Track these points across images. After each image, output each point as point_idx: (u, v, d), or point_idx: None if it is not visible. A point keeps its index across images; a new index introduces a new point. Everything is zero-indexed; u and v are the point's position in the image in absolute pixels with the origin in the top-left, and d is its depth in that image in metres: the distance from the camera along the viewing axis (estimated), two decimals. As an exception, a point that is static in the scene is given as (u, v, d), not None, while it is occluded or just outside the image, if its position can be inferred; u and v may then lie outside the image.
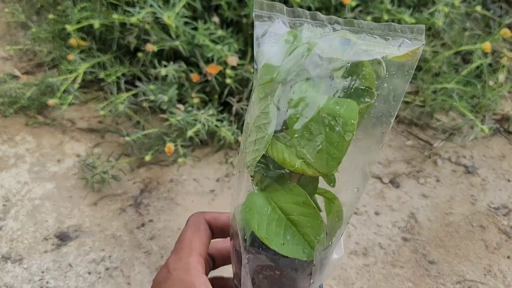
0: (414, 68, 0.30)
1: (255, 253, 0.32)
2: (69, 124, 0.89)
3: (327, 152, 0.30)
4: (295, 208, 0.32)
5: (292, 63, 0.30)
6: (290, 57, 0.30)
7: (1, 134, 0.87)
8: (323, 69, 0.31)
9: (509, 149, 0.88)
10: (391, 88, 0.31)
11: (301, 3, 0.77)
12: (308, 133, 0.30)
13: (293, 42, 0.31)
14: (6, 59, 1.05)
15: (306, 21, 0.32)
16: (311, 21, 0.32)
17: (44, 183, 0.78)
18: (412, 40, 0.30)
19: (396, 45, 0.30)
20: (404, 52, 0.30)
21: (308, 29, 0.31)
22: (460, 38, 0.93)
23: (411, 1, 0.87)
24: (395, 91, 0.31)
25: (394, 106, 0.31)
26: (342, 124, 0.29)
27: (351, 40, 0.30)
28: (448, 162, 0.85)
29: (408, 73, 0.30)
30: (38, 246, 0.68)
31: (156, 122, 0.87)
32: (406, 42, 0.30)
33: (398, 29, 0.31)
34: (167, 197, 0.76)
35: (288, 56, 0.30)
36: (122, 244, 0.68)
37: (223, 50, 0.75)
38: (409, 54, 0.30)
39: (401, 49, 0.30)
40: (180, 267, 0.32)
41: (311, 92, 0.30)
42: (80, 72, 0.86)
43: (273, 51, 0.31)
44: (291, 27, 0.33)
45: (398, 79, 0.31)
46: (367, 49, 0.30)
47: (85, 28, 0.87)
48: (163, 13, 0.73)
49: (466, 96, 0.85)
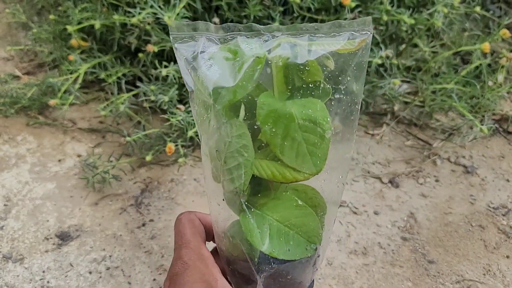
0: (367, 56, 0.31)
1: (267, 269, 0.33)
2: (70, 124, 0.90)
3: (312, 154, 0.31)
4: (290, 213, 0.33)
5: (247, 79, 0.30)
6: (242, 74, 0.30)
7: (2, 134, 0.87)
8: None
9: (509, 149, 0.89)
10: (349, 79, 0.32)
11: (301, 4, 0.78)
12: (289, 142, 0.30)
13: (235, 58, 0.30)
14: (7, 59, 1.05)
15: (239, 34, 0.32)
16: (245, 33, 0.32)
17: (45, 183, 0.78)
18: (360, 31, 0.31)
19: (343, 40, 0.31)
20: (352, 44, 0.31)
21: (244, 41, 0.31)
22: (459, 38, 0.93)
23: (411, 2, 0.87)
24: (356, 81, 0.32)
25: (357, 95, 0.32)
26: (319, 125, 0.30)
27: (297, 43, 0.30)
28: (447, 162, 0.85)
29: (363, 61, 0.31)
30: (39, 246, 0.68)
31: (156, 122, 0.88)
32: (354, 34, 0.31)
33: (345, 24, 0.31)
34: (167, 197, 0.77)
35: (239, 73, 0.30)
36: (123, 244, 0.69)
37: (224, 51, 0.75)
38: (358, 44, 0.31)
39: (349, 41, 0.31)
40: (196, 258, 0.32)
41: (275, 102, 0.30)
42: (81, 72, 0.87)
43: (218, 72, 0.30)
44: (222, 42, 0.32)
45: (355, 70, 0.32)
46: (314, 49, 0.31)
47: (86, 29, 0.88)
48: (164, 14, 0.74)
49: (466, 97, 0.85)
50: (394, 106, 0.89)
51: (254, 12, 0.77)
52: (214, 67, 0.30)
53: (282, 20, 0.79)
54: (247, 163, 0.30)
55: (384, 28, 0.84)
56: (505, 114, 0.94)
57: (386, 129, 0.91)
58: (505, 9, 1.11)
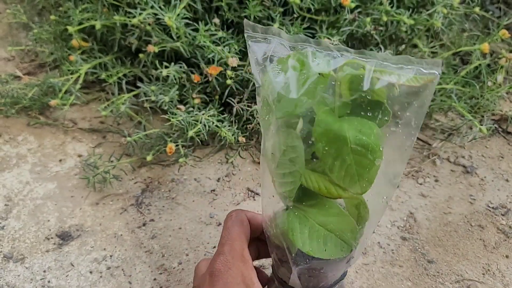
0: (431, 96, 0.31)
1: (302, 264, 0.35)
2: (70, 125, 0.90)
3: (359, 175, 0.32)
4: (331, 219, 0.35)
5: (308, 95, 0.31)
6: (305, 89, 0.31)
7: (3, 134, 0.88)
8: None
9: (508, 149, 0.89)
10: (409, 115, 0.33)
11: (301, 4, 0.78)
12: (339, 162, 0.31)
13: (301, 70, 0.31)
14: (7, 59, 1.05)
15: (310, 45, 0.33)
16: (315, 46, 0.32)
17: (45, 183, 0.78)
18: (428, 69, 0.31)
19: (410, 73, 0.31)
20: (418, 81, 0.31)
21: (313, 55, 0.32)
22: (459, 39, 0.94)
23: (410, 2, 0.88)
24: (416, 117, 0.33)
25: (415, 129, 0.33)
26: (370, 151, 0.31)
27: (365, 66, 0.31)
28: (447, 162, 0.85)
29: (426, 100, 0.31)
30: (40, 246, 0.68)
31: (157, 123, 0.88)
32: (422, 71, 0.31)
33: (414, 61, 0.31)
34: (168, 196, 0.77)
35: (302, 87, 0.30)
36: (124, 244, 0.69)
37: (224, 51, 0.75)
38: (424, 80, 0.31)
39: (416, 77, 0.31)
40: (238, 258, 0.33)
41: (332, 122, 0.31)
42: (81, 72, 0.87)
43: (283, 81, 0.31)
44: (291, 49, 0.33)
45: (417, 107, 0.32)
46: (380, 76, 0.31)
47: (86, 29, 0.88)
48: (164, 15, 0.74)
49: (465, 97, 0.86)
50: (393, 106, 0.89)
51: (254, 13, 0.77)
52: (281, 75, 0.31)
53: (282, 21, 0.79)
54: (296, 174, 0.32)
55: (383, 29, 0.84)
56: (504, 114, 0.94)
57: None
58: (504, 9, 1.11)
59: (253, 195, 0.78)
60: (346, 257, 0.36)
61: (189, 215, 0.74)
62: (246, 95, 0.80)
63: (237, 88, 0.80)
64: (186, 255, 0.68)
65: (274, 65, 0.32)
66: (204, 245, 0.69)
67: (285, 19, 0.80)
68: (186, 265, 0.66)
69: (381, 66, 0.30)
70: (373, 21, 0.82)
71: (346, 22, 0.80)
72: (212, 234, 0.70)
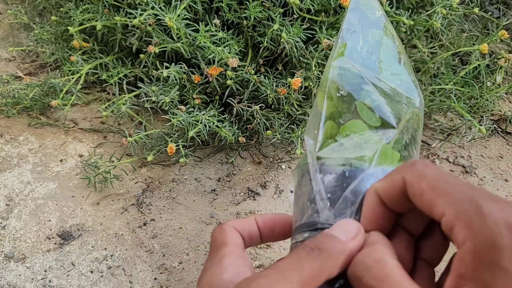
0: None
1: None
2: (71, 125, 0.90)
3: None
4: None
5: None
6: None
7: (4, 134, 0.88)
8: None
9: (507, 149, 0.89)
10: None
11: (301, 5, 0.78)
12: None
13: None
14: (9, 60, 1.05)
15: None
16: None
17: (47, 183, 0.79)
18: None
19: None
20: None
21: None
22: (458, 39, 0.94)
23: (410, 3, 0.88)
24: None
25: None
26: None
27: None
28: (446, 162, 0.86)
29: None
30: (41, 245, 0.69)
31: (157, 123, 0.88)
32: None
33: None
34: (168, 196, 0.77)
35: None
36: (124, 243, 0.69)
37: (224, 52, 0.76)
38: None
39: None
40: (213, 259, 0.29)
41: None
42: (82, 73, 0.87)
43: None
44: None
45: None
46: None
47: (87, 30, 0.88)
48: (165, 15, 0.74)
49: (464, 97, 0.86)
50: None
51: (254, 14, 0.78)
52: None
53: (282, 21, 0.80)
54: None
55: (383, 29, 0.85)
56: (503, 114, 0.94)
57: (386, 130, 0.91)
58: (503, 10, 1.12)
59: (253, 195, 0.78)
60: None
61: (190, 215, 0.74)
62: (246, 95, 0.81)
63: (237, 89, 0.80)
64: (187, 254, 0.68)
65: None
66: (204, 245, 0.69)
67: (285, 19, 0.80)
68: (186, 265, 0.66)
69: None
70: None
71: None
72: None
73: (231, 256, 0.29)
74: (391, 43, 0.35)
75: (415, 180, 0.25)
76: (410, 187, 0.25)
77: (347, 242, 0.26)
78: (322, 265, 0.25)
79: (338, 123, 0.32)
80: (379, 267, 0.24)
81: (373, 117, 0.32)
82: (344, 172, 0.31)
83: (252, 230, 0.34)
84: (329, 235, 0.27)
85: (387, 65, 0.34)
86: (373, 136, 0.32)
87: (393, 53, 0.35)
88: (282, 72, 0.86)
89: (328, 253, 0.25)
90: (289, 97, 0.78)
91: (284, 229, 0.35)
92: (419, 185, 0.24)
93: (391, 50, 0.35)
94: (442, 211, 0.23)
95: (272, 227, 0.34)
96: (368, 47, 0.34)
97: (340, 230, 0.27)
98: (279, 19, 0.78)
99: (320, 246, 0.25)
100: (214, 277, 0.27)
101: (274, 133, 0.79)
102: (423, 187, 0.24)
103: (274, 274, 0.24)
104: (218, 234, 0.32)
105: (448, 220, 0.23)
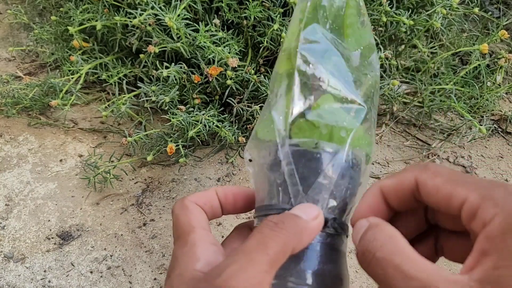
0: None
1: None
2: (71, 125, 0.90)
3: None
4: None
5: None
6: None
7: (4, 134, 0.88)
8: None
9: (507, 149, 0.89)
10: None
11: (301, 5, 0.78)
12: None
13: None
14: (8, 60, 1.05)
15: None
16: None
17: (46, 183, 0.79)
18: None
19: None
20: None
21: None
22: (458, 39, 0.94)
23: (410, 3, 0.88)
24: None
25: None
26: None
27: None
28: (446, 162, 0.86)
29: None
30: (40, 246, 0.69)
31: (157, 123, 0.88)
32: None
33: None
34: (168, 196, 0.77)
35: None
36: (124, 243, 0.69)
37: (224, 52, 0.75)
38: None
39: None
40: (184, 247, 0.29)
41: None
42: (82, 73, 0.87)
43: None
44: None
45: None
46: None
47: (87, 30, 0.88)
48: (165, 15, 0.74)
49: (464, 97, 0.86)
50: (393, 107, 0.90)
51: (254, 13, 0.78)
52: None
53: (282, 21, 0.79)
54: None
55: (383, 29, 0.85)
56: (503, 114, 0.94)
57: (385, 130, 0.91)
58: (503, 10, 1.12)
59: (253, 195, 0.78)
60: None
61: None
62: (246, 95, 0.81)
63: (237, 89, 0.80)
64: (187, 254, 0.68)
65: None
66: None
67: (285, 19, 0.80)
68: (186, 265, 0.66)
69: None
70: (372, 21, 0.82)
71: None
72: (212, 233, 0.70)
73: (202, 243, 0.29)
74: (355, 3, 0.35)
75: (429, 178, 0.25)
76: (424, 186, 0.25)
77: (308, 221, 0.27)
78: (287, 240, 0.25)
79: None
80: (391, 242, 0.24)
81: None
82: (317, 156, 0.30)
83: (214, 204, 0.34)
84: (290, 214, 0.28)
85: (352, 30, 0.34)
86: (344, 115, 0.31)
87: (358, 13, 0.35)
88: (282, 72, 0.85)
89: (291, 228, 0.26)
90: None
91: (245, 203, 0.35)
92: (433, 182, 0.25)
93: (356, 11, 0.34)
94: (464, 198, 0.23)
95: (234, 201, 0.34)
96: (336, 5, 0.34)
97: (300, 211, 0.28)
98: (279, 19, 0.78)
99: (283, 222, 0.26)
100: (187, 268, 0.27)
101: (274, 133, 0.79)
102: (438, 183, 0.24)
103: (241, 258, 0.24)
104: (181, 212, 0.32)
105: (471, 204, 0.23)
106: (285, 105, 0.31)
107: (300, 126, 0.30)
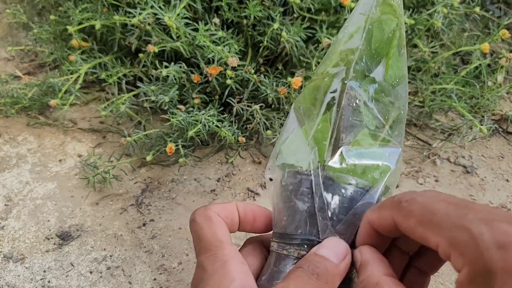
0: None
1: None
2: (70, 125, 0.90)
3: None
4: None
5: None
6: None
7: (3, 134, 0.88)
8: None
9: (508, 149, 0.89)
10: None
11: (301, 4, 0.78)
12: None
13: None
14: (7, 59, 1.05)
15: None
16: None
17: (45, 183, 0.78)
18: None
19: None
20: None
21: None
22: (459, 39, 0.94)
23: (411, 2, 0.88)
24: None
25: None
26: None
27: None
28: (447, 162, 0.85)
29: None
30: (39, 246, 0.68)
31: (157, 123, 0.88)
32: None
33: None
34: (168, 196, 0.77)
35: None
36: (123, 244, 0.69)
37: (224, 51, 0.75)
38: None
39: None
40: (217, 265, 0.30)
41: None
42: (81, 72, 0.87)
43: None
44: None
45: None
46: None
47: (86, 29, 0.88)
48: (164, 14, 0.74)
49: (465, 97, 0.86)
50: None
51: (254, 13, 0.77)
52: None
53: (282, 21, 0.79)
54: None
55: (384, 29, 0.84)
56: (504, 114, 0.94)
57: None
58: (504, 9, 1.11)
59: (253, 195, 0.78)
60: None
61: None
62: (246, 95, 0.80)
63: (237, 88, 0.80)
64: (186, 255, 0.68)
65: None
66: (204, 245, 0.69)
67: (285, 19, 0.80)
68: (186, 265, 0.66)
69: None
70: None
71: (346, 22, 0.80)
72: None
73: (235, 262, 0.29)
74: (400, 33, 0.35)
75: (403, 219, 0.26)
76: (400, 225, 0.26)
77: (339, 265, 0.28)
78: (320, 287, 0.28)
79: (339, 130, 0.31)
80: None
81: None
82: (349, 193, 0.30)
83: (234, 219, 0.34)
84: (321, 257, 0.29)
85: (392, 61, 0.34)
86: (380, 155, 0.31)
87: (400, 45, 0.35)
88: (282, 71, 0.85)
89: (325, 278, 0.28)
90: (289, 97, 0.78)
91: (265, 225, 0.35)
92: (407, 224, 0.26)
93: (398, 42, 0.34)
94: (436, 243, 0.24)
95: (253, 220, 0.35)
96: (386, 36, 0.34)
97: (329, 251, 0.29)
98: (279, 18, 0.78)
99: (317, 271, 0.28)
100: (220, 286, 0.28)
101: (274, 133, 0.79)
102: (411, 224, 0.25)
103: None
104: (205, 223, 0.32)
105: (443, 251, 0.24)
106: (322, 132, 0.31)
107: (336, 158, 0.31)
